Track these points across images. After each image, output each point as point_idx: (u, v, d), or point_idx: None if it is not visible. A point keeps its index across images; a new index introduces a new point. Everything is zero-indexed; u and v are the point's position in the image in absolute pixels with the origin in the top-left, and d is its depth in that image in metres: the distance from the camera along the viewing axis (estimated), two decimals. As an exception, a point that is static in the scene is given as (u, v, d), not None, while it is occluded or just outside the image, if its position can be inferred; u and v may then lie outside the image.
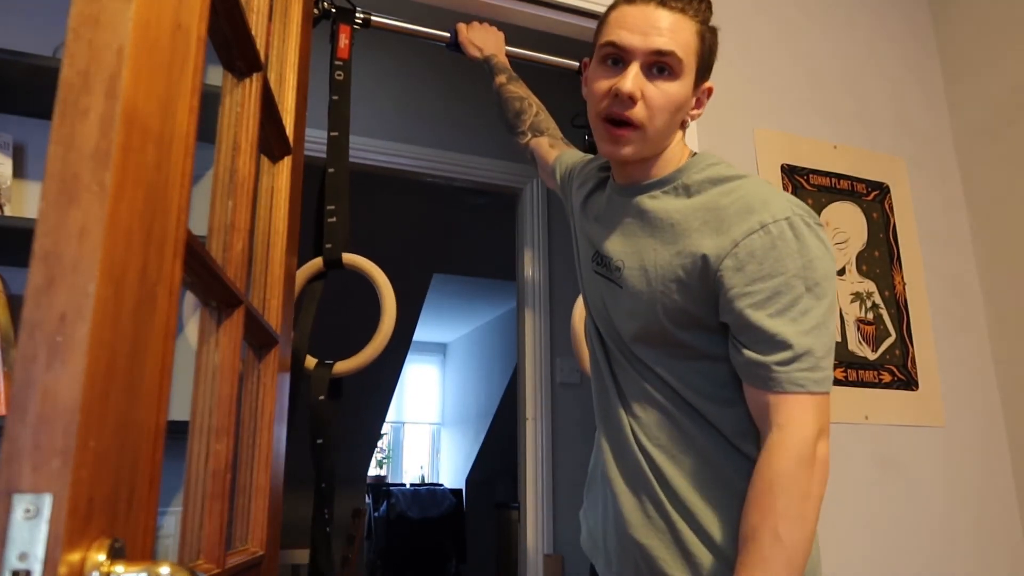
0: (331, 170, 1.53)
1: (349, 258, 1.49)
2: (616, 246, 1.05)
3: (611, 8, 1.01)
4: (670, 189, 1.01)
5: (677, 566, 0.97)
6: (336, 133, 1.56)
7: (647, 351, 1.01)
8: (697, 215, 0.97)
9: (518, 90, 1.58)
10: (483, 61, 1.69)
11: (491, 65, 1.66)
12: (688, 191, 1.00)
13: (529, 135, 1.51)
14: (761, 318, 0.89)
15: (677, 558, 0.97)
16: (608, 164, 1.15)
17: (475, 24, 1.75)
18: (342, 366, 1.46)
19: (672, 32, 0.95)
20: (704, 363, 0.98)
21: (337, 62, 1.60)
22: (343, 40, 1.61)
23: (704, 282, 0.94)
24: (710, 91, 1.04)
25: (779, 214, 0.91)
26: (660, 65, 0.96)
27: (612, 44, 0.96)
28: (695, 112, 1.03)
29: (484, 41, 1.71)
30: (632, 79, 0.94)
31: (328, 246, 1.48)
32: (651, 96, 0.95)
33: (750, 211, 0.93)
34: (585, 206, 1.18)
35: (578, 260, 1.22)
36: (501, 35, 1.74)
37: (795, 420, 0.87)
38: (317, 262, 1.49)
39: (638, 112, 0.95)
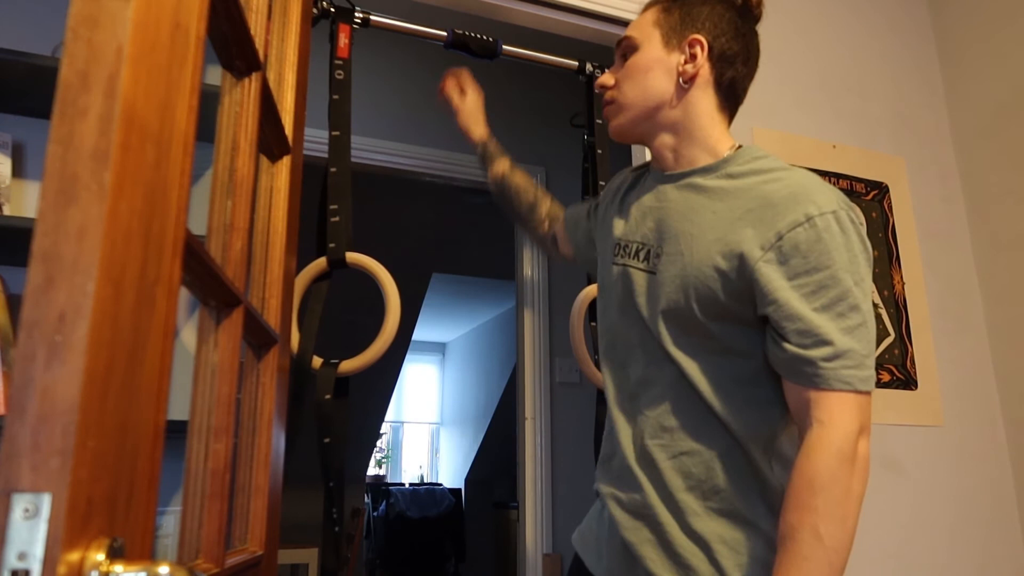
0: (333, 169, 1.53)
1: (353, 257, 1.49)
2: (651, 231, 1.05)
3: None
4: (714, 177, 1.01)
5: (665, 567, 0.95)
6: (337, 132, 1.56)
7: (673, 336, 0.99)
8: (740, 203, 0.96)
9: (523, 178, 1.50)
10: (476, 145, 1.55)
11: (488, 151, 1.53)
12: (733, 178, 1.00)
13: (547, 222, 1.44)
14: (805, 311, 0.88)
15: (666, 560, 0.95)
16: (641, 165, 1.21)
17: (455, 87, 1.60)
18: (347, 365, 1.46)
19: (634, 26, 1.10)
20: (727, 358, 0.96)
21: (337, 61, 1.60)
22: (343, 39, 1.61)
23: (741, 273, 0.92)
24: (696, 41, 1.03)
25: (825, 207, 0.90)
26: (624, 52, 1.10)
27: None
28: (687, 67, 1.04)
29: (472, 117, 1.56)
30: (607, 73, 1.12)
31: (332, 245, 1.48)
32: (619, 78, 1.10)
33: (796, 202, 0.92)
34: (621, 205, 1.17)
35: (597, 253, 1.22)
36: (481, 96, 1.60)
37: (837, 417, 0.86)
38: (321, 262, 1.49)
39: (612, 92, 1.11)
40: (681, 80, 1.04)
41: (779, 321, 0.90)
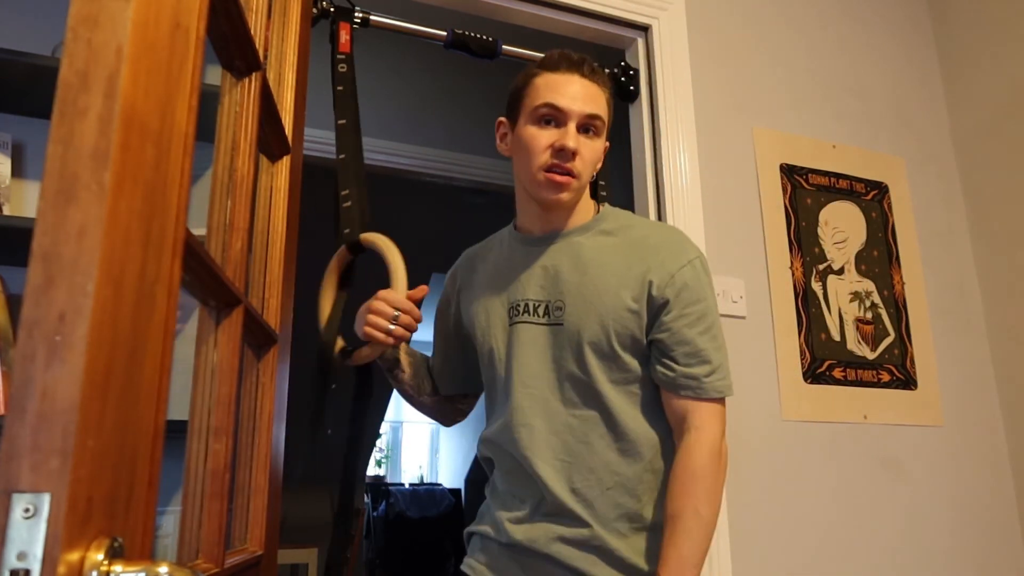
0: (342, 156, 1.52)
1: (366, 238, 1.40)
2: (548, 288, 1.16)
3: (532, 75, 1.16)
4: (596, 232, 1.18)
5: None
6: (344, 121, 1.54)
7: (592, 375, 1.11)
8: (631, 250, 1.14)
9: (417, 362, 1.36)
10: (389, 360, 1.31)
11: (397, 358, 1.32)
12: (610, 234, 1.18)
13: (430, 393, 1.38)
14: (694, 336, 1.10)
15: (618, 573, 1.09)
16: (478, 246, 1.33)
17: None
18: (360, 353, 1.37)
19: (596, 99, 1.13)
20: (634, 386, 1.13)
21: (339, 56, 1.59)
22: (343, 36, 1.61)
23: (649, 306, 1.11)
24: (607, 148, 1.20)
25: (694, 254, 1.14)
26: (588, 126, 1.13)
27: (551, 106, 1.11)
28: (599, 166, 1.19)
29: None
30: (573, 137, 1.10)
31: (346, 231, 1.44)
32: (583, 151, 1.12)
33: (679, 248, 1.14)
34: (474, 279, 1.28)
35: (477, 330, 1.23)
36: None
37: (708, 422, 1.08)
38: (342, 250, 1.42)
39: (576, 164, 1.11)
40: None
41: (671, 345, 1.10)
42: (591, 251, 1.16)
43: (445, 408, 1.41)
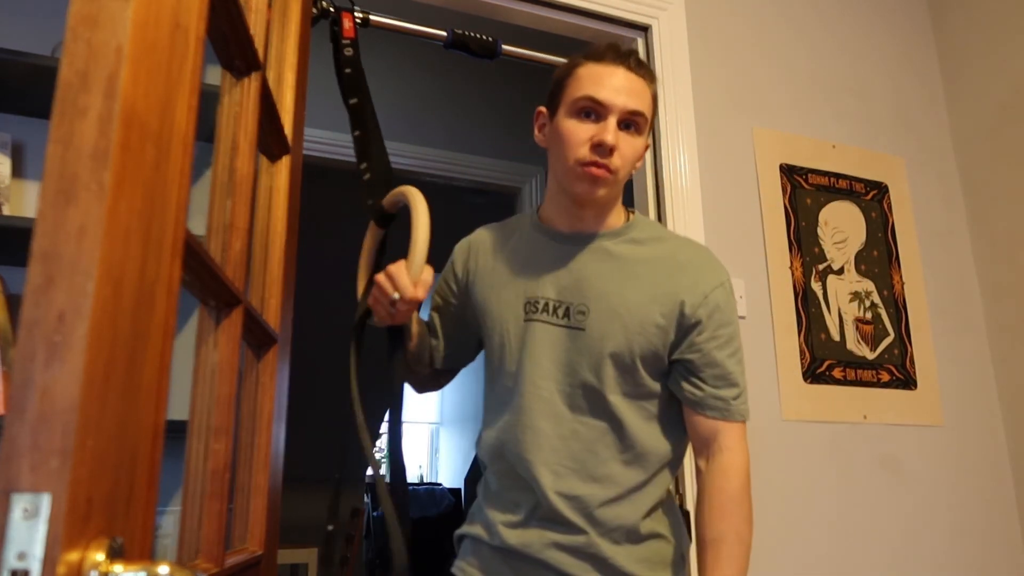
0: (356, 133, 1.48)
1: (392, 195, 1.29)
2: (571, 290, 1.12)
3: (576, 65, 1.11)
4: (626, 240, 1.15)
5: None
6: (355, 100, 1.50)
7: (611, 385, 1.09)
8: (661, 266, 1.12)
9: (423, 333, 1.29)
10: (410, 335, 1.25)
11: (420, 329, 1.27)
12: (640, 244, 1.15)
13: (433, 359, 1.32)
14: (723, 358, 1.10)
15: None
16: (503, 223, 1.26)
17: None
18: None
19: (640, 94, 1.08)
20: (645, 400, 1.12)
21: (344, 41, 1.57)
22: (347, 23, 1.59)
23: (679, 325, 1.09)
24: (647, 147, 1.15)
25: (725, 276, 1.14)
26: (629, 122, 1.08)
27: (591, 99, 1.06)
28: (639, 164, 1.14)
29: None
30: (612, 132, 1.05)
31: (370, 202, 1.40)
32: (623, 147, 1.07)
33: (711, 269, 1.13)
34: (490, 264, 1.21)
35: (488, 319, 1.18)
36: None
37: (738, 444, 1.10)
38: (372, 227, 1.36)
39: (615, 160, 1.07)
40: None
41: (700, 366, 1.10)
42: (621, 260, 1.13)
43: (427, 379, 1.34)
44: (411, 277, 1.09)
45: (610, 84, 1.06)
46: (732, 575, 1.03)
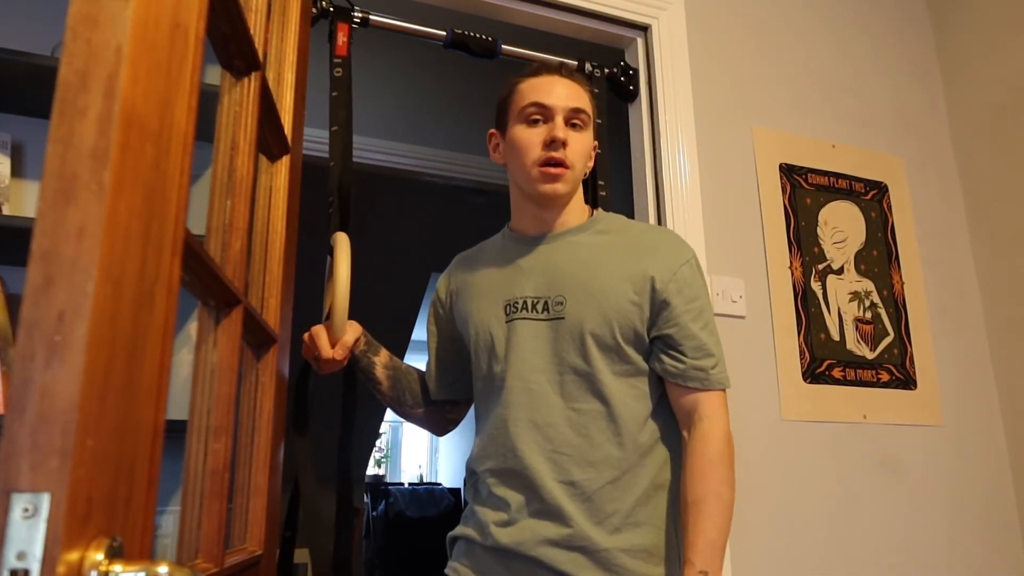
0: (332, 164, 1.54)
1: (332, 243, 1.31)
2: (546, 284, 1.18)
3: (516, 83, 1.22)
4: (592, 232, 1.22)
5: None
6: (336, 127, 1.56)
7: (595, 366, 1.13)
8: (629, 248, 1.19)
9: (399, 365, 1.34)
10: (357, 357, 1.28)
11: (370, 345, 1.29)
12: (606, 233, 1.22)
13: (423, 404, 1.36)
14: (698, 330, 1.15)
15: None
16: (469, 251, 1.35)
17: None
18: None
19: (579, 95, 1.19)
20: (635, 379, 1.15)
21: (336, 59, 1.60)
22: (341, 38, 1.61)
23: (651, 301, 1.15)
24: (596, 147, 1.26)
25: (690, 253, 1.20)
26: (575, 120, 1.18)
27: (537, 104, 1.17)
28: (590, 164, 1.23)
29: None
30: (561, 128, 1.15)
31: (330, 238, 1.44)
32: (573, 143, 1.17)
33: (677, 248, 1.20)
34: (468, 280, 1.29)
35: (471, 328, 1.24)
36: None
37: (716, 411, 1.13)
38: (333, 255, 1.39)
39: (568, 154, 1.16)
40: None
41: (679, 339, 1.14)
42: (589, 248, 1.20)
43: (434, 418, 1.41)
44: (332, 338, 1.20)
45: (551, 90, 1.17)
46: (712, 534, 1.05)
